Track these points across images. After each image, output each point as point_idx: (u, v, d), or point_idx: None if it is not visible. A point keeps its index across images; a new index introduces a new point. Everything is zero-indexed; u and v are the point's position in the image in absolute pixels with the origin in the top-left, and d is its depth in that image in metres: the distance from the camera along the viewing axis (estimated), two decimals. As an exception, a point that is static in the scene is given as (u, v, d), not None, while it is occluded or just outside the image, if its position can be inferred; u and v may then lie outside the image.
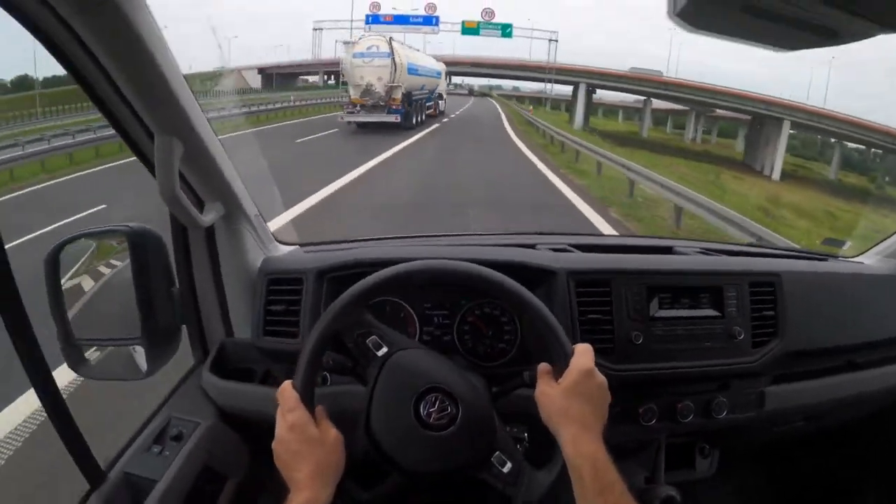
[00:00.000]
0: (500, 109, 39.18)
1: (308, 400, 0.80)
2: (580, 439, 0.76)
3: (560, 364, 0.83)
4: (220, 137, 1.03)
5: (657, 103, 43.49)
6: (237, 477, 1.10)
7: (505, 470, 0.81)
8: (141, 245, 1.01)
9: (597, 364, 0.98)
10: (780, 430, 1.31)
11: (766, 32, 0.51)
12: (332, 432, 0.80)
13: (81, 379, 1.05)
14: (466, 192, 9.35)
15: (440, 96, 26.94)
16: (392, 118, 18.81)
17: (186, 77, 0.88)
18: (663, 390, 1.10)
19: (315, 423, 0.79)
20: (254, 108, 22.23)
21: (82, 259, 1.10)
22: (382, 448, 0.82)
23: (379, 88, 18.78)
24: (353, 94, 19.24)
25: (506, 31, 41.84)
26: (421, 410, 0.81)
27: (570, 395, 0.79)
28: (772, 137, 30.22)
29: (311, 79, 49.54)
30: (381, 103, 18.88)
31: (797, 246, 5.14)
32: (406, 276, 0.88)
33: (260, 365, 1.19)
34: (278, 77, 47.79)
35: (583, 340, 1.03)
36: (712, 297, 1.13)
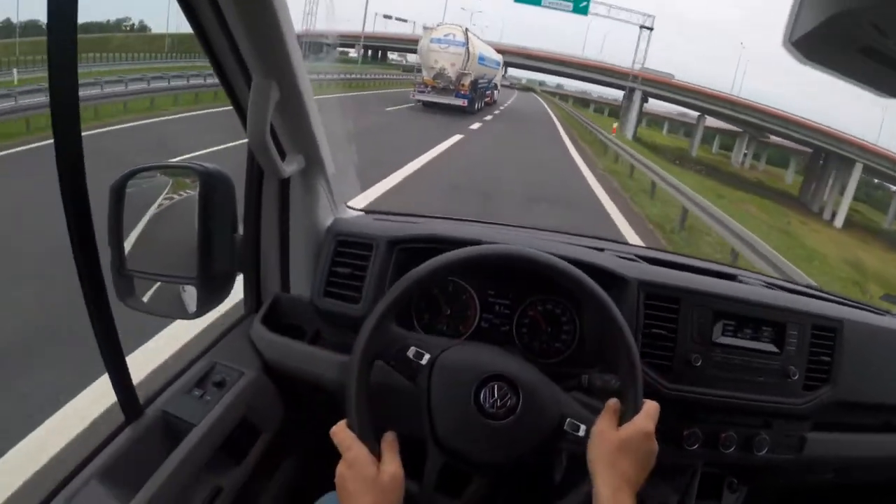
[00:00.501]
0: (546, 108, 37.28)
1: (365, 434, 0.79)
2: (620, 492, 0.76)
3: (626, 409, 0.83)
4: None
5: (709, 120, 41.25)
6: (269, 433, 1.09)
7: (580, 433, 0.81)
8: (211, 186, 1.01)
9: (652, 381, 1.01)
10: (810, 478, 1.29)
11: (879, 77, 0.48)
12: (390, 469, 0.78)
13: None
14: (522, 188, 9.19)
15: (496, 86, 28.39)
16: (460, 102, 20.44)
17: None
18: (710, 417, 1.09)
19: (375, 460, 0.78)
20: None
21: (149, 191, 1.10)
22: (451, 446, 0.82)
23: (451, 73, 20.26)
24: (426, 75, 20.82)
25: (579, 4, 32.14)
26: (482, 402, 0.81)
27: (625, 449, 0.79)
28: (837, 178, 28.27)
29: (350, 52, 46.45)
30: (451, 87, 20.44)
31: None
32: (495, 257, 0.88)
33: (311, 324, 1.18)
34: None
35: (643, 354, 1.03)
36: (774, 332, 1.11)
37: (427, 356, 0.83)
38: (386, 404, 0.85)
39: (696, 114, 40.24)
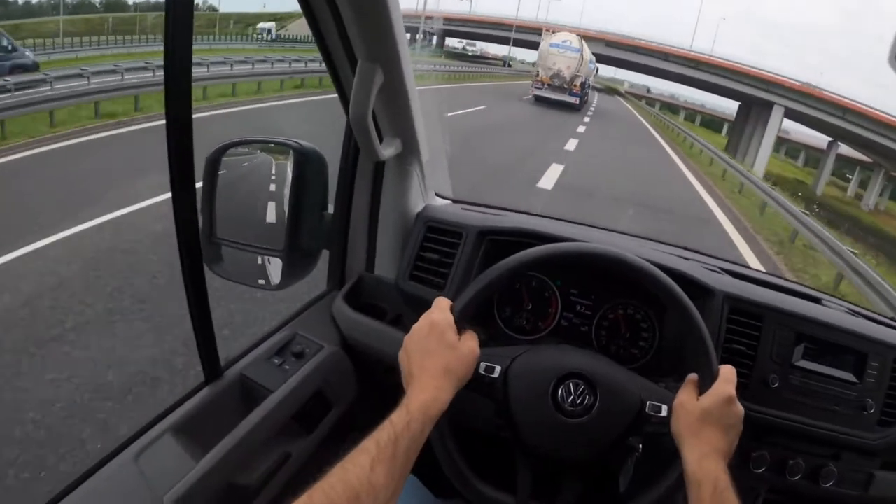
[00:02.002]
0: (640, 119, 29.71)
1: (461, 316, 0.80)
2: (706, 458, 0.75)
3: (703, 379, 0.82)
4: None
5: (845, 148, 31.85)
6: (341, 407, 1.11)
7: (663, 413, 0.81)
8: (305, 164, 1.04)
9: None
10: None
11: None
12: (471, 344, 0.78)
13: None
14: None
15: (590, 85, 30.16)
16: (573, 100, 24.01)
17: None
18: (779, 441, 1.05)
19: (457, 333, 0.78)
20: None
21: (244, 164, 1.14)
22: (536, 451, 0.82)
23: (566, 75, 23.97)
24: (543, 74, 24.58)
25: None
26: (560, 402, 0.81)
27: (707, 417, 0.78)
28: None
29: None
30: (565, 86, 24.06)
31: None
32: (589, 256, 0.88)
33: (393, 306, 1.20)
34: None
35: None
36: (855, 361, 1.06)
37: (498, 369, 0.82)
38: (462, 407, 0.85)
39: (825, 138, 31.01)
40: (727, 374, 0.82)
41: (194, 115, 0.79)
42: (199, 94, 10.64)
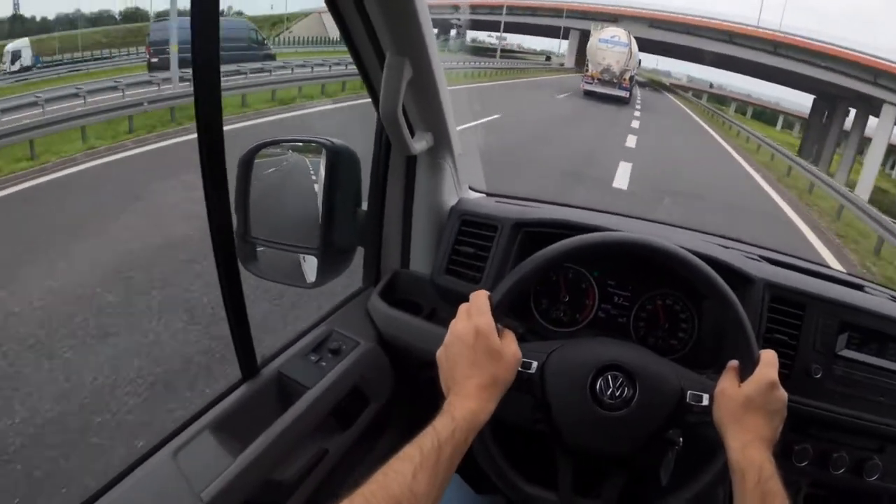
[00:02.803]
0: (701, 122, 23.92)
1: (501, 312, 0.79)
2: (750, 446, 0.73)
3: (744, 365, 0.80)
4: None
5: None
6: (378, 402, 1.12)
7: (705, 402, 0.79)
8: (337, 161, 1.04)
9: None
10: None
11: None
12: (513, 348, 0.77)
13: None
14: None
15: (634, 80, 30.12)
16: (623, 94, 24.30)
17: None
18: (823, 434, 1.02)
19: (499, 335, 0.76)
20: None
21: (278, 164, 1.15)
22: (576, 446, 0.81)
23: (616, 69, 24.24)
24: (593, 69, 24.85)
25: None
26: (599, 395, 0.79)
27: (750, 403, 0.75)
28: None
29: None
30: (614, 81, 24.31)
31: None
32: (629, 245, 0.86)
33: (428, 301, 1.20)
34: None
35: None
36: None
37: (535, 364, 0.81)
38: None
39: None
40: (769, 359, 0.79)
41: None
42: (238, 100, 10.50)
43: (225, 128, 0.80)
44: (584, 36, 32.17)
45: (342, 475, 1.03)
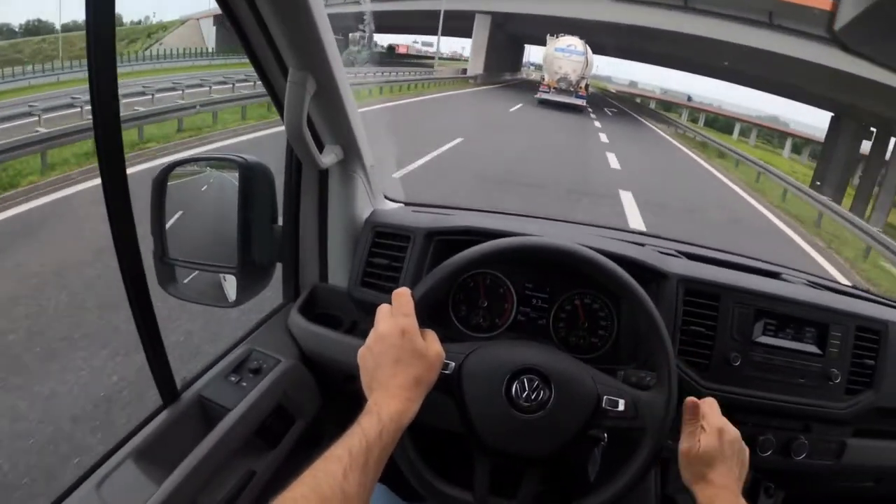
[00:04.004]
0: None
1: (423, 313, 0.79)
2: (717, 499, 0.77)
3: (660, 370, 0.83)
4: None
5: None
6: (305, 420, 1.11)
7: (621, 408, 0.81)
8: (250, 178, 1.03)
9: (688, 379, 1.00)
10: (849, 485, 1.25)
11: None
12: (436, 348, 0.77)
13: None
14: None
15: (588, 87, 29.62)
16: (580, 102, 24.45)
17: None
18: (748, 419, 1.06)
19: (422, 336, 0.77)
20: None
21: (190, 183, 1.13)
22: (492, 447, 0.81)
23: (572, 78, 24.38)
24: (548, 78, 24.93)
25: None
26: (514, 397, 0.80)
27: (710, 459, 0.79)
28: None
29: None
30: (571, 89, 24.39)
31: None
32: (533, 249, 0.88)
33: (348, 314, 1.20)
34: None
35: (681, 351, 1.02)
36: (817, 333, 1.08)
37: (452, 364, 0.82)
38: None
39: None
40: (711, 407, 0.83)
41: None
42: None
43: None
44: (498, 25, 30.16)
45: (272, 495, 1.01)
